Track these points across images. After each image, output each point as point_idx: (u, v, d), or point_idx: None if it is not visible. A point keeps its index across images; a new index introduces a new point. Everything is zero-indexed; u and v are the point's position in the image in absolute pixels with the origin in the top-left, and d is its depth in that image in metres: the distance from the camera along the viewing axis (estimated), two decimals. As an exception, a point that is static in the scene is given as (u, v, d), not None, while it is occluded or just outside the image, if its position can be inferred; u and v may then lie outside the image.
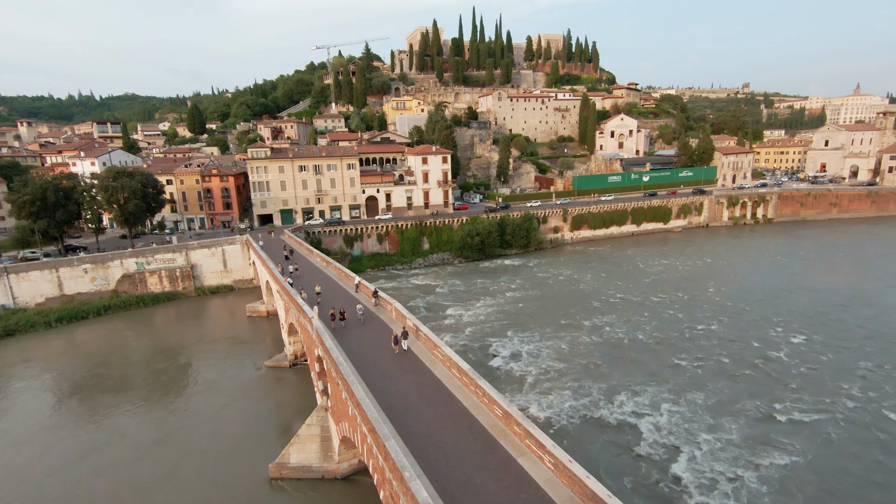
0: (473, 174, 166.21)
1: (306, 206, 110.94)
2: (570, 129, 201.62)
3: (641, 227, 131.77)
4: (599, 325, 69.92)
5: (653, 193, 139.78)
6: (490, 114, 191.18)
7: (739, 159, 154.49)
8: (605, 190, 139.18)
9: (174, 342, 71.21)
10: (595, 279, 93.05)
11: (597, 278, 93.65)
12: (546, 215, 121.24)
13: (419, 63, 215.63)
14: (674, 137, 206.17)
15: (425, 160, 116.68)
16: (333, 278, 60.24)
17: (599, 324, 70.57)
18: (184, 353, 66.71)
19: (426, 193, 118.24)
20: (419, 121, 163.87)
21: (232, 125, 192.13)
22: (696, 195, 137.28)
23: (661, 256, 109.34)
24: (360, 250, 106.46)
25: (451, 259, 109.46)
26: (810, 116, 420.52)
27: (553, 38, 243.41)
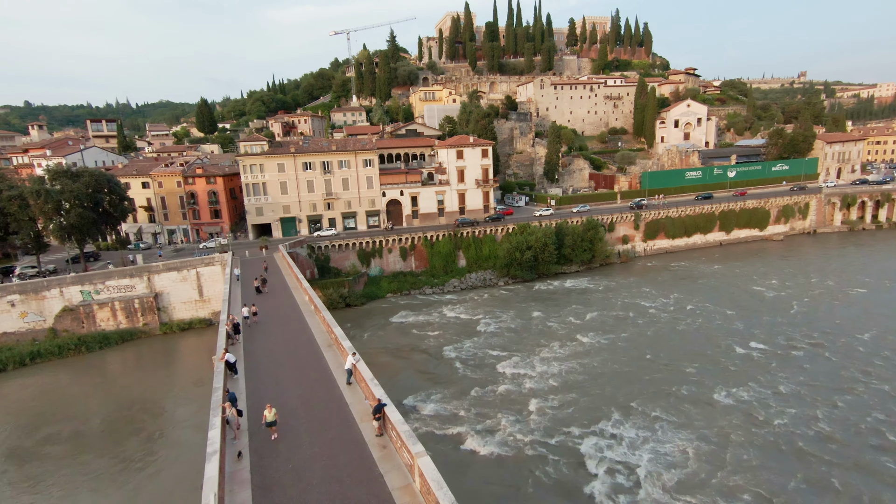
0: (514, 172, 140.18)
1: (313, 214, 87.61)
2: (623, 120, 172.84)
3: (732, 234, 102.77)
4: (746, 402, 42.99)
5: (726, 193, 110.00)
6: (531, 104, 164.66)
7: (847, 149, 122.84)
8: (681, 189, 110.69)
9: (133, 395, 49.06)
10: (700, 312, 65.60)
11: (702, 310, 66.17)
12: (613, 222, 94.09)
13: (450, 50, 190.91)
14: (746, 127, 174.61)
15: (460, 154, 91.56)
16: (312, 342, 35.49)
17: (746, 399, 43.62)
18: (147, 411, 44.01)
19: (462, 196, 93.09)
20: (451, 112, 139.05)
21: (245, 123, 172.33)
22: (796, 194, 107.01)
23: (768, 275, 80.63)
24: (378, 269, 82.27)
25: (495, 279, 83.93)
26: (880, 105, 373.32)
27: (599, 20, 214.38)
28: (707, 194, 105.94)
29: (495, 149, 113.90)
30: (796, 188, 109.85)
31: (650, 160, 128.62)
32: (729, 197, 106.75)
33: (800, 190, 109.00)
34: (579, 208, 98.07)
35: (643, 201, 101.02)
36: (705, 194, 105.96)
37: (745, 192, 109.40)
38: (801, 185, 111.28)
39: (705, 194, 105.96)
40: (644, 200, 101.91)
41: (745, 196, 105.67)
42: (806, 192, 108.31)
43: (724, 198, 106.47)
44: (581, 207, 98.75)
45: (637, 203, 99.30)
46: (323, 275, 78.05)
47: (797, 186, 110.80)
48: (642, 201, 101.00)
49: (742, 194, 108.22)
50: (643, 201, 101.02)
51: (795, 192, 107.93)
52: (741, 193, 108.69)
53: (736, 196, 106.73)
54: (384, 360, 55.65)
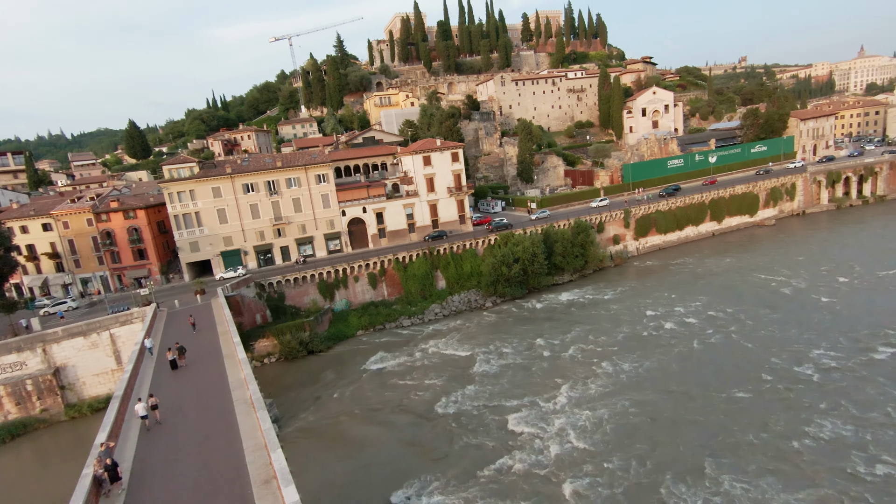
0: (484, 175, 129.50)
1: (261, 244, 73.59)
2: (588, 113, 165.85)
3: (724, 223, 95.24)
4: (859, 444, 32.75)
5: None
6: (493, 102, 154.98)
7: (820, 125, 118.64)
8: (665, 179, 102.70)
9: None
10: (725, 319, 55.94)
11: (725, 316, 56.53)
12: (602, 221, 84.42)
13: (402, 53, 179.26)
14: (709, 111, 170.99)
15: (428, 160, 79.67)
16: (241, 469, 22.57)
17: (861, 440, 33.42)
18: None
19: (433, 207, 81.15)
20: (410, 116, 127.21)
21: (183, 145, 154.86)
22: (774, 176, 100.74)
23: (773, 266, 72.60)
24: (344, 301, 69.15)
25: (481, 300, 72.32)
26: (817, 84, 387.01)
27: (552, 13, 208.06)
28: (674, 186, 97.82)
29: (464, 151, 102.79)
30: (762, 171, 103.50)
31: (626, 153, 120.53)
32: (702, 186, 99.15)
33: (766, 173, 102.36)
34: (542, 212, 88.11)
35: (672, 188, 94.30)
36: (672, 186, 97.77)
37: (714, 181, 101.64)
38: (766, 169, 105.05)
39: (672, 186, 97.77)
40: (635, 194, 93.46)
41: (716, 185, 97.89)
42: (772, 174, 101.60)
43: (697, 188, 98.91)
44: (540, 213, 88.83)
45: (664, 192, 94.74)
46: (278, 317, 64.34)
47: (763, 170, 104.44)
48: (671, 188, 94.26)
49: (712, 182, 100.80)
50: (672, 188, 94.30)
51: (762, 175, 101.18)
52: (711, 182, 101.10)
53: (706, 185, 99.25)
54: (359, 432, 42.87)
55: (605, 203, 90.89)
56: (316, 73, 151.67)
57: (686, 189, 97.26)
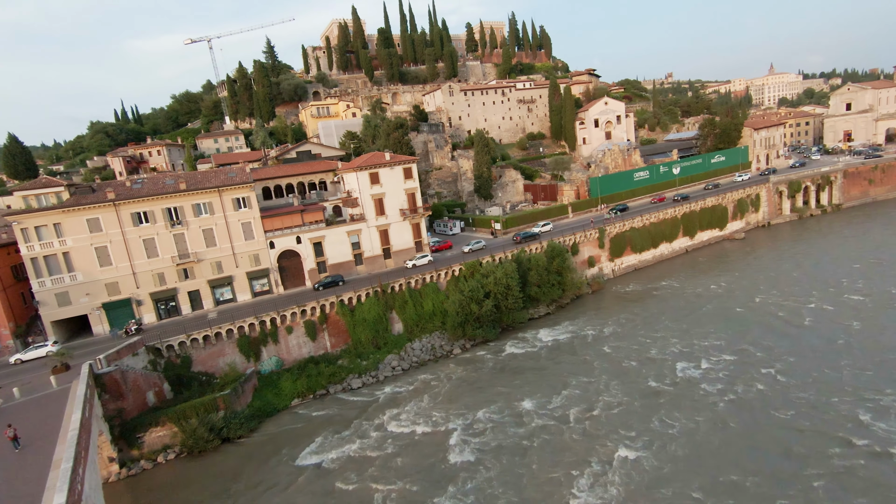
0: (436, 191, 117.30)
1: (160, 290, 56.31)
2: (539, 124, 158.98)
3: (696, 238, 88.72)
4: None
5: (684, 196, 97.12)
6: (441, 113, 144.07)
7: (772, 134, 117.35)
8: (632, 193, 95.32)
9: None
10: (744, 365, 46.29)
11: (743, 360, 46.99)
12: (576, 243, 74.38)
13: (340, 61, 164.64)
14: (655, 123, 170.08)
15: (375, 178, 65.90)
16: None
17: None
18: None
19: (384, 233, 67.29)
20: (352, 127, 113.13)
21: (81, 162, 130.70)
22: (747, 186, 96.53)
23: (764, 287, 65.63)
24: (274, 361, 53.46)
25: (447, 345, 59.17)
26: (736, 98, 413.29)
27: (496, 25, 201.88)
28: (622, 206, 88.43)
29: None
30: (710, 186, 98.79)
31: (593, 167, 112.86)
32: (662, 203, 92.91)
33: (714, 188, 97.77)
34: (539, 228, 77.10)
35: (621, 207, 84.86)
36: (620, 206, 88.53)
37: (663, 199, 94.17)
38: (714, 183, 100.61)
39: (620, 206, 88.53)
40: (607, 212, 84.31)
41: (664, 202, 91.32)
42: (719, 189, 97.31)
43: (646, 205, 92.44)
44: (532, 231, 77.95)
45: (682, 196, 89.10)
46: (181, 391, 47.62)
47: (711, 184, 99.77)
48: (620, 207, 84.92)
49: (661, 200, 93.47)
50: (621, 207, 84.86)
51: (710, 190, 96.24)
52: (660, 199, 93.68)
53: (654, 203, 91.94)
54: None
55: (548, 228, 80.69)
56: (243, 81, 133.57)
57: (634, 207, 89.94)
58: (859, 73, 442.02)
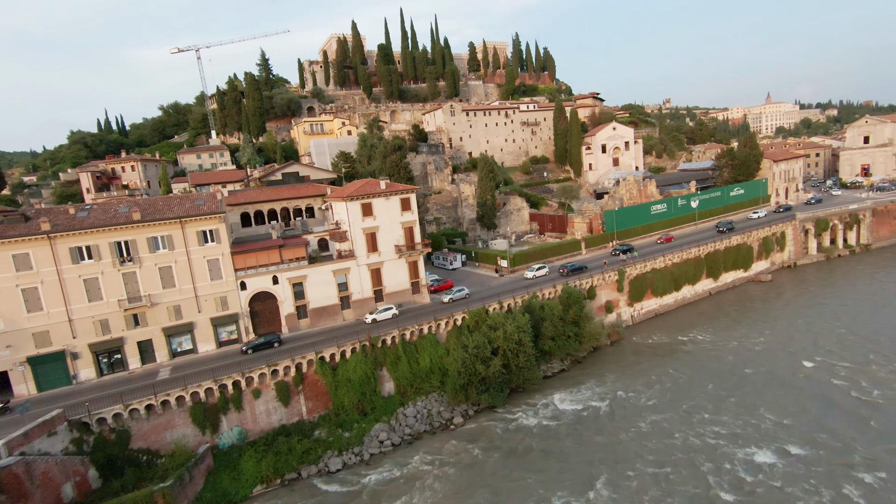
0: (435, 217, 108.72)
1: (102, 340, 46.51)
2: (543, 147, 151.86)
3: (720, 279, 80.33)
4: None
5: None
6: (441, 133, 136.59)
7: (791, 167, 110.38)
8: (648, 227, 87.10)
9: None
10: (832, 467, 37.20)
11: (831, 460, 37.86)
12: (593, 286, 65.53)
13: (338, 76, 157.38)
14: (663, 149, 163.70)
15: (368, 209, 56.93)
16: None
17: None
18: None
19: (376, 272, 58.03)
20: (346, 146, 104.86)
21: (54, 175, 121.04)
22: (775, 223, 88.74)
23: (808, 344, 56.98)
24: (237, 432, 43.55)
25: (447, 412, 49.58)
26: (734, 126, 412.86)
27: (499, 45, 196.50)
28: (627, 246, 77.11)
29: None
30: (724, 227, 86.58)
31: (603, 196, 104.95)
32: (706, 231, 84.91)
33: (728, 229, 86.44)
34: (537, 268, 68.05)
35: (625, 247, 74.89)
36: (624, 246, 77.22)
37: (671, 238, 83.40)
38: (728, 221, 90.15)
39: (624, 246, 77.22)
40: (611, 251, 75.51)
41: (673, 241, 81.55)
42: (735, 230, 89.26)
43: (651, 244, 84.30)
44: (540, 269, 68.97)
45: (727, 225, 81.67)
46: (112, 477, 37.56)
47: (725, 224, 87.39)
48: (623, 247, 74.87)
49: (668, 240, 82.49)
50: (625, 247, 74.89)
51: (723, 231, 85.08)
52: (667, 240, 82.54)
53: (659, 242, 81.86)
54: None
55: (632, 253, 72.67)
56: (233, 94, 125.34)
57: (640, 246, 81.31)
58: (854, 105, 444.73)
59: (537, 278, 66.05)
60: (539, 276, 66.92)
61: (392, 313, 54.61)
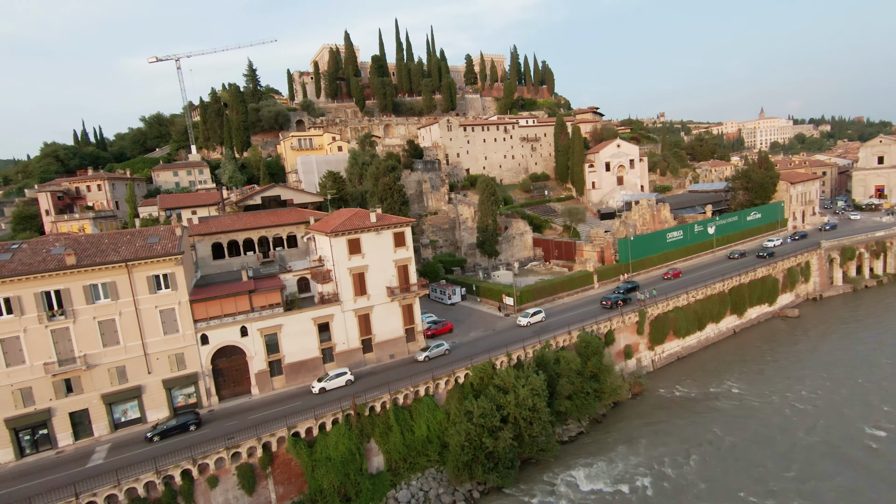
0: (430, 240, 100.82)
1: (22, 413, 37.60)
2: (544, 164, 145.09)
3: (745, 316, 72.80)
4: None
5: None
6: (437, 149, 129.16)
7: (808, 189, 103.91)
8: (664, 257, 79.60)
9: None
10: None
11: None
12: (611, 330, 57.55)
13: (330, 88, 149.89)
14: (667, 167, 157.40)
15: (356, 246, 48.60)
16: None
17: None
18: None
19: (364, 319, 49.56)
20: (336, 164, 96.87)
21: (19, 191, 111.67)
22: (799, 253, 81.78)
23: (856, 394, 49.28)
24: (186, 534, 34.66)
25: (448, 493, 41.02)
26: (728, 140, 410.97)
27: (497, 58, 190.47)
28: (632, 283, 67.92)
29: (407, 217, 73.35)
30: (735, 255, 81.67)
31: (621, 225, 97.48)
32: (725, 262, 77.58)
33: (740, 256, 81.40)
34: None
35: (631, 285, 66.34)
36: (629, 283, 67.86)
37: (679, 273, 73.67)
38: (741, 252, 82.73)
39: (629, 283, 67.86)
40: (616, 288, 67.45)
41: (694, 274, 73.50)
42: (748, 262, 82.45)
43: (722, 266, 76.88)
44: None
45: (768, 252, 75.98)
46: None
47: (736, 253, 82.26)
48: (629, 285, 66.42)
49: (676, 276, 73.14)
50: (631, 285, 66.34)
51: (735, 259, 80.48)
52: (675, 275, 73.15)
53: (666, 278, 72.72)
54: None
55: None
56: (215, 106, 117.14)
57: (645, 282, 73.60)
58: (846, 120, 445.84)
59: (532, 325, 57.12)
60: (535, 321, 57.40)
61: (346, 379, 45.14)
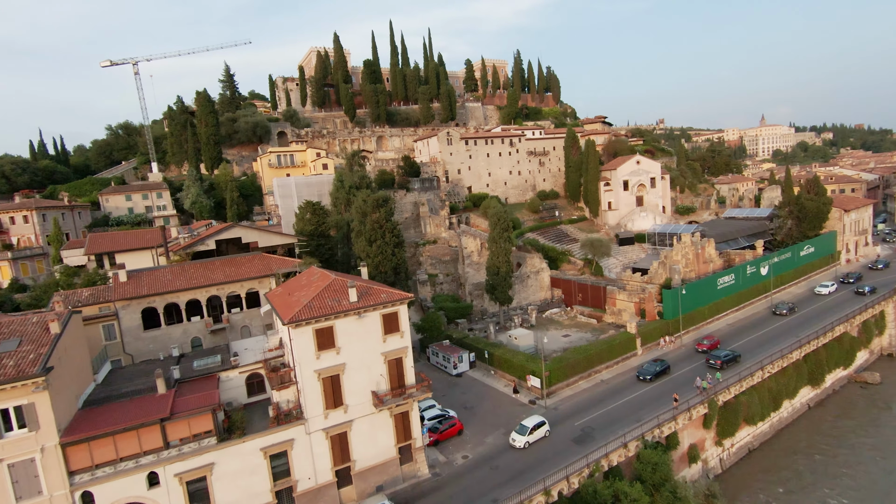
0: (429, 274, 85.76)
1: None
2: (553, 180, 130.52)
3: (821, 385, 58.15)
4: None
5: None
6: (437, 165, 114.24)
7: (861, 216, 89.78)
8: (715, 307, 64.68)
9: None
10: None
11: None
12: (675, 432, 42.55)
13: (317, 95, 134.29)
14: (685, 183, 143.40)
15: (327, 338, 33.11)
16: None
17: None
18: None
19: (340, 440, 34.12)
20: (318, 188, 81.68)
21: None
22: (862, 295, 67.49)
23: None
24: None
25: None
26: (730, 147, 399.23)
27: (498, 63, 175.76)
28: (661, 363, 50.78)
29: (402, 257, 58.24)
30: (784, 310, 64.09)
31: (659, 267, 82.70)
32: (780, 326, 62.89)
33: (790, 311, 63.69)
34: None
35: (730, 354, 50.96)
36: (658, 363, 50.97)
37: (717, 343, 55.62)
38: (790, 306, 65.02)
39: (658, 363, 50.97)
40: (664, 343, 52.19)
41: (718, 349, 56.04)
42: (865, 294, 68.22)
43: (687, 366, 62.14)
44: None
45: None
46: None
47: (786, 307, 64.58)
48: (729, 354, 51.15)
49: (713, 346, 54.71)
50: (730, 354, 50.96)
51: (783, 315, 63.17)
52: (711, 346, 54.59)
53: (701, 350, 54.28)
54: None
55: None
56: (181, 117, 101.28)
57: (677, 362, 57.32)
58: (847, 128, 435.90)
59: (533, 445, 39.69)
60: (536, 439, 40.06)
61: None
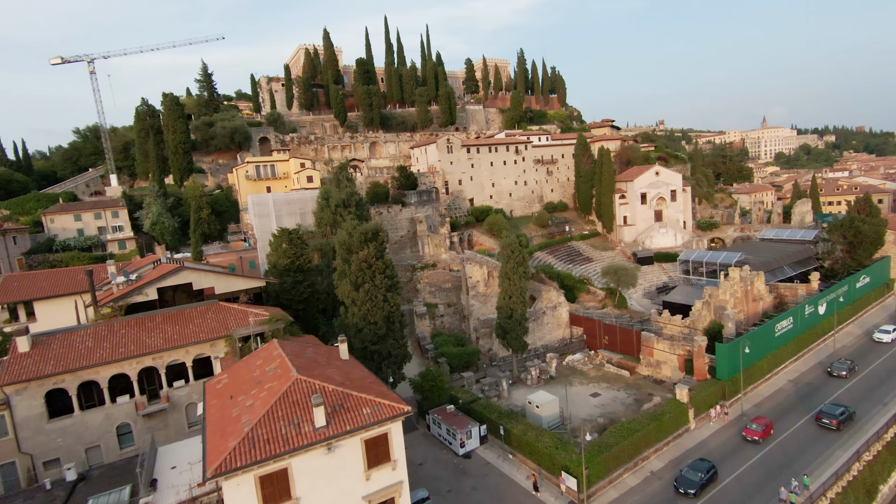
0: (427, 305, 74.33)
1: None
2: (561, 191, 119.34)
3: (909, 464, 46.96)
4: None
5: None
6: (436, 175, 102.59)
7: (916, 239, 78.81)
8: (774, 360, 53.28)
9: None
10: None
11: None
12: (764, 561, 30.99)
13: (304, 97, 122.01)
14: (702, 192, 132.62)
15: (279, 486, 21.55)
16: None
17: None
18: None
19: None
20: (300, 205, 69.86)
21: None
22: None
23: None
24: None
25: None
26: (731, 150, 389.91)
27: (500, 62, 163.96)
28: (708, 467, 36.71)
29: (400, 319, 46.61)
30: (844, 370, 50.73)
31: (706, 310, 71.03)
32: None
33: (850, 371, 50.39)
34: None
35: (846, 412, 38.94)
36: (703, 467, 36.71)
37: (770, 427, 41.81)
38: (850, 366, 51.20)
39: (703, 467, 36.71)
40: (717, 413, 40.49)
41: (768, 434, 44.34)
42: None
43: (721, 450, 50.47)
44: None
45: None
46: None
47: (844, 368, 50.97)
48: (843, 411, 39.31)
49: (766, 434, 41.07)
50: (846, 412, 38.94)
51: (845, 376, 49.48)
52: (765, 431, 41.11)
53: (750, 439, 40.58)
54: None
55: None
56: (147, 123, 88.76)
57: None
58: (849, 130, 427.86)
59: None
60: None
61: None
